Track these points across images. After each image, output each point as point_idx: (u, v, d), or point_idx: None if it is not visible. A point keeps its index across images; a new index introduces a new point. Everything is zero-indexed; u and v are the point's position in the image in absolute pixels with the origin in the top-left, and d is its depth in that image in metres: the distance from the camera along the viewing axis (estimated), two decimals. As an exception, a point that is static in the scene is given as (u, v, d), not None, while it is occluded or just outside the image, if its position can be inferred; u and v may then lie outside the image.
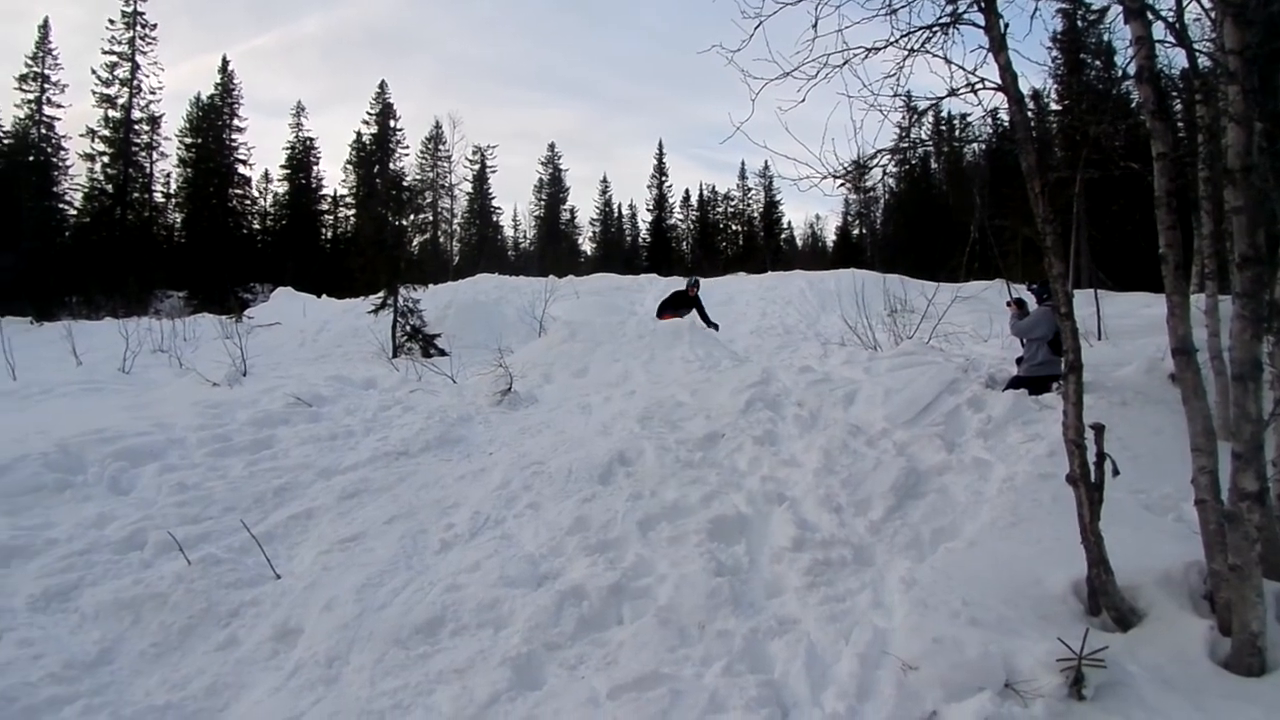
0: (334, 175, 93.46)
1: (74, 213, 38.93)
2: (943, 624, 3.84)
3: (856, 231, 56.58)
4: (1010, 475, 5.67)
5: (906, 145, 5.44)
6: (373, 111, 51.64)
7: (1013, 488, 5.48)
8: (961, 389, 7.21)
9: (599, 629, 4.14)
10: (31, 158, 37.05)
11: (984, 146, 32.02)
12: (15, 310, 22.50)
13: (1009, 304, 8.71)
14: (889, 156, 5.04)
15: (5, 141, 37.50)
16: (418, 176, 51.22)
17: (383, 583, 4.65)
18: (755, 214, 60.93)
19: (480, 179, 57.29)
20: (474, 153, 57.04)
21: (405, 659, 3.92)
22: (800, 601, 4.39)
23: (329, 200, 50.57)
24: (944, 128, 39.68)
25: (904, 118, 5.08)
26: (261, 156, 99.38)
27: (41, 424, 7.16)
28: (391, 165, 47.29)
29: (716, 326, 13.55)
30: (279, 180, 49.05)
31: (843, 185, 4.98)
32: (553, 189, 60.46)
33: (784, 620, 4.20)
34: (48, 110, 37.78)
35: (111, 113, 39.28)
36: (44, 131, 37.76)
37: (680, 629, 4.07)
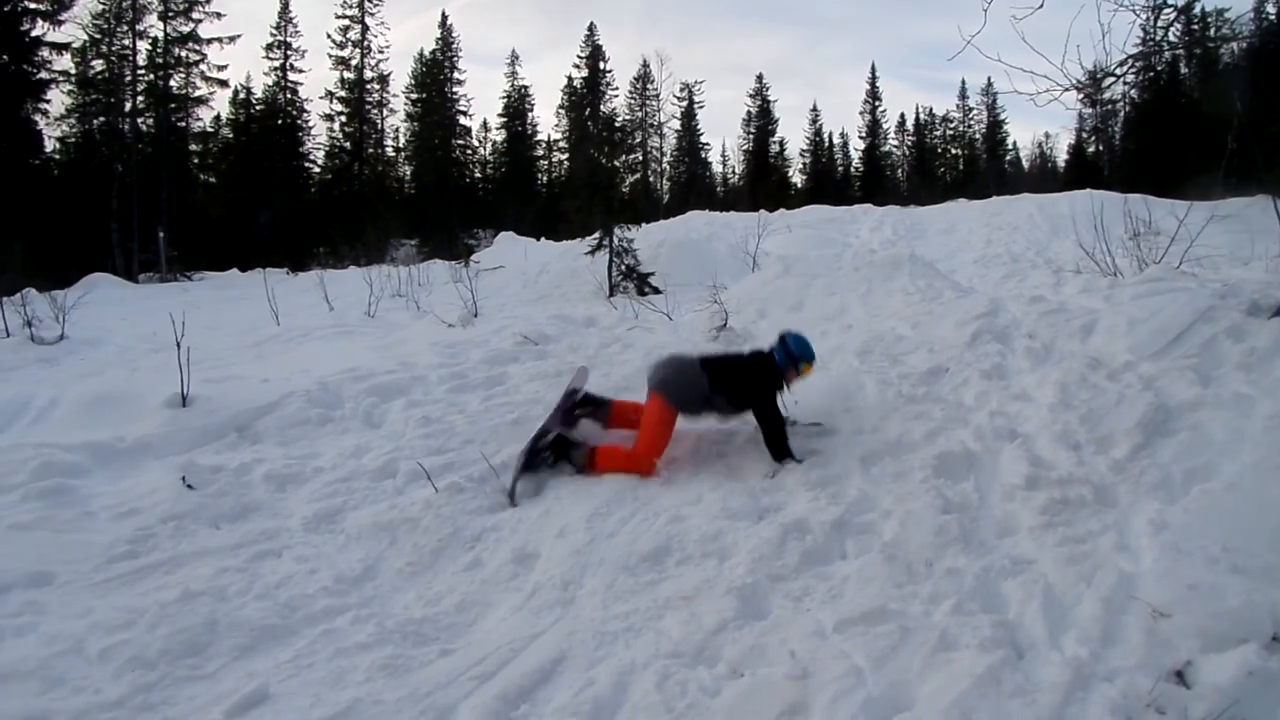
0: (547, 120, 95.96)
1: (317, 170, 42.35)
2: (1199, 570, 3.57)
3: (1092, 149, 52.25)
4: (1278, 412, 5.13)
5: (1155, 49, 4.93)
6: (583, 55, 52.64)
7: (1281, 425, 4.96)
8: (1218, 317, 6.55)
9: (823, 563, 4.14)
10: (279, 121, 40.48)
11: (1245, 45, 28.45)
12: (272, 262, 24.83)
13: None
14: (1134, 64, 4.62)
15: (258, 108, 41.13)
16: (627, 116, 51.78)
17: (610, 513, 4.84)
18: (977, 136, 57.59)
19: (688, 116, 57.33)
20: (681, 90, 57.01)
21: (634, 585, 4.08)
22: (1035, 542, 4.19)
23: (544, 145, 52.26)
24: (1196, 26, 35.70)
25: (1150, 18, 4.63)
26: (480, 107, 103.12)
27: (303, 364, 7.91)
28: (602, 107, 48.06)
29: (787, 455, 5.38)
30: (496, 129, 51.18)
31: (1083, 98, 4.62)
32: (761, 121, 59.47)
33: (1018, 560, 4.03)
34: (291, 76, 41.08)
35: (346, 74, 42.15)
36: (289, 96, 41.10)
37: (907, 565, 4.00)
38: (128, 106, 32.62)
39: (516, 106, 50.79)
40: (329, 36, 42.37)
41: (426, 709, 3.13)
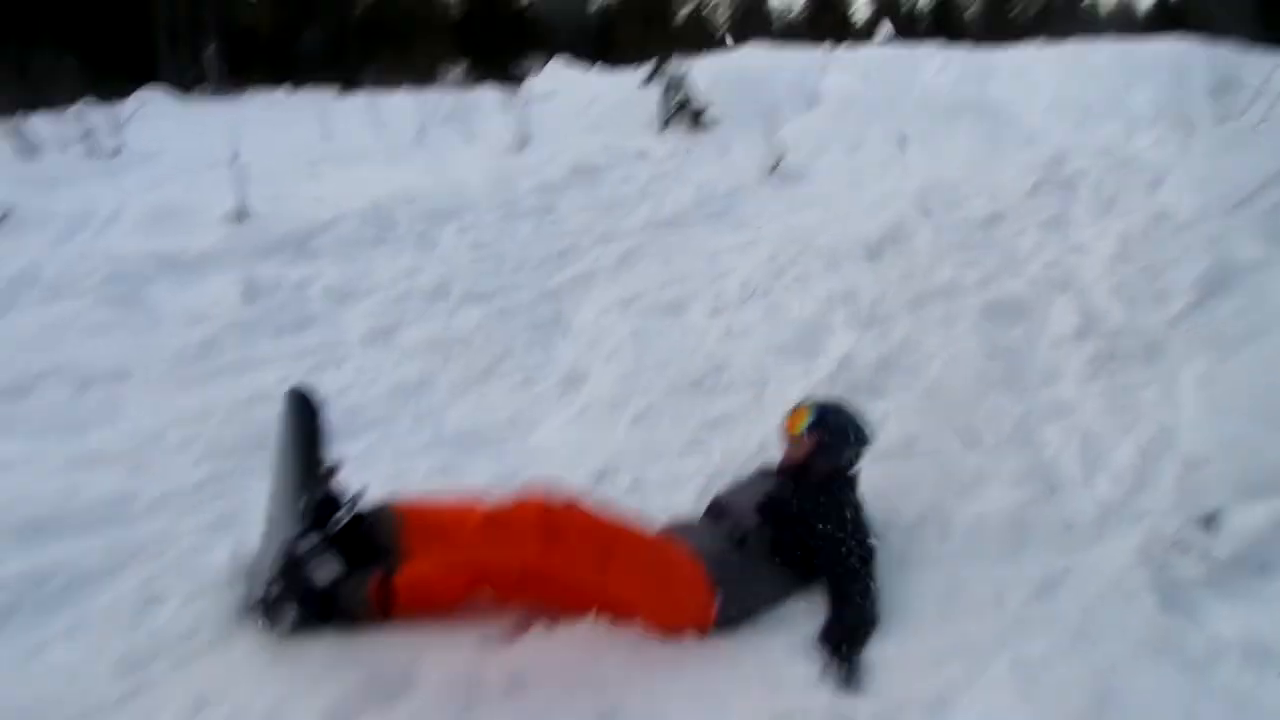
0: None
1: (365, -13, 40.96)
2: (1239, 425, 3.61)
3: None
4: (1341, 277, 5.02)
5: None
6: None
7: (1345, 288, 4.86)
8: (1292, 180, 6.33)
9: (866, 397, 4.23)
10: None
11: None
12: (321, 82, 24.39)
13: None
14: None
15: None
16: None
17: (659, 340, 4.95)
18: (1059, -29, 54.05)
19: (751, -60, 54.24)
20: (745, -90, 53.78)
21: (680, 407, 4.23)
22: (1079, 390, 4.23)
23: (599, -33, 50.00)
24: None
25: None
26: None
27: (357, 185, 7.94)
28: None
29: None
30: (550, -52, 48.85)
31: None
32: (828, -51, 56.21)
33: (1059, 406, 4.09)
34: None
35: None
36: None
37: (947, 405, 4.08)
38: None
39: (571, -76, 48.42)
40: None
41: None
